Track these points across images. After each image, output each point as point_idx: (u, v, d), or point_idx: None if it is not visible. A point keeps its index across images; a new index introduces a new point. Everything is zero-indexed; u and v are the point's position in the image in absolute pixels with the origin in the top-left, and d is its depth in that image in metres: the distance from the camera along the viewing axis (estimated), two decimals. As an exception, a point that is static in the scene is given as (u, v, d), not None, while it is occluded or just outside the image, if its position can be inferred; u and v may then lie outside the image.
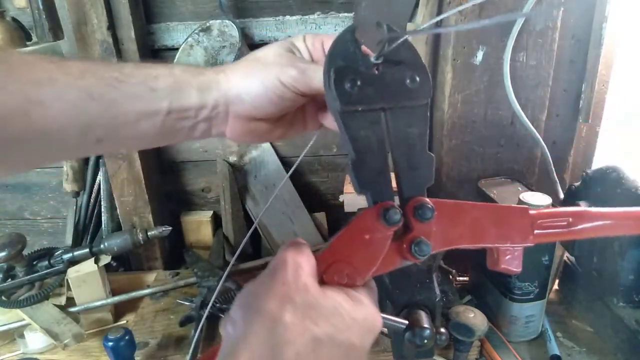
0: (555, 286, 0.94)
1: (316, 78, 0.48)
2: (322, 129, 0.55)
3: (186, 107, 0.48)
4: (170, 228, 0.95)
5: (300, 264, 0.39)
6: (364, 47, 0.46)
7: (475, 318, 0.71)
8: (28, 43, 0.93)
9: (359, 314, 0.39)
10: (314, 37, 0.52)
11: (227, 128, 0.52)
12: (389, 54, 0.45)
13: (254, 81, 0.49)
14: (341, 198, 0.87)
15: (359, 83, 0.44)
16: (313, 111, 0.55)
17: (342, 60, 0.45)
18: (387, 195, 0.45)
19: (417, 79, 0.46)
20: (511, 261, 0.47)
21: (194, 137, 0.52)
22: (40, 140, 0.43)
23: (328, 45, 0.48)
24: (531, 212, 0.48)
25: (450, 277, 0.93)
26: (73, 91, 0.44)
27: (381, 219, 0.42)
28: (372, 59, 0.44)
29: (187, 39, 0.94)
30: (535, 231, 0.48)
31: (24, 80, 0.42)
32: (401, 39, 0.44)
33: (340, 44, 0.46)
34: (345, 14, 0.92)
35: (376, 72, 0.45)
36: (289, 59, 0.50)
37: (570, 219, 0.50)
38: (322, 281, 0.40)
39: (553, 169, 0.92)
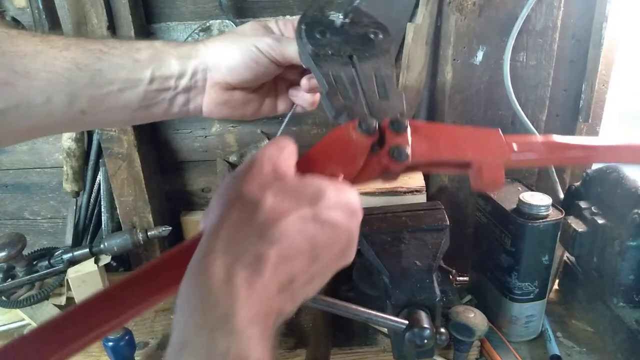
0: (555, 286, 0.94)
1: (289, 47, 0.52)
2: (294, 109, 0.58)
3: (167, 75, 0.51)
4: (170, 228, 0.95)
5: (279, 156, 0.38)
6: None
7: (475, 318, 0.71)
8: (28, 43, 0.93)
9: (342, 197, 0.37)
10: (285, 21, 0.57)
11: (204, 99, 0.54)
12: (352, 17, 0.51)
13: (231, 47, 0.52)
14: (341, 198, 0.87)
15: (327, 34, 0.50)
16: (285, 89, 0.58)
17: (312, 19, 0.51)
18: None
19: (380, 34, 0.54)
20: (495, 176, 0.47)
21: (173, 112, 0.54)
22: (26, 113, 0.44)
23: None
24: (501, 134, 0.49)
25: (450, 277, 0.93)
26: (59, 62, 0.45)
27: (358, 129, 0.43)
28: (338, 21, 0.51)
29: (187, 38, 0.94)
30: (513, 153, 0.48)
31: (9, 53, 0.43)
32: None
33: (310, 10, 0.52)
34: (345, 14, 0.92)
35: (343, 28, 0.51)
36: (265, 32, 0.54)
37: (541, 145, 0.51)
38: None
39: (553, 169, 0.92)
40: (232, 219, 0.33)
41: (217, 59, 0.52)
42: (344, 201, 0.37)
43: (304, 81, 0.55)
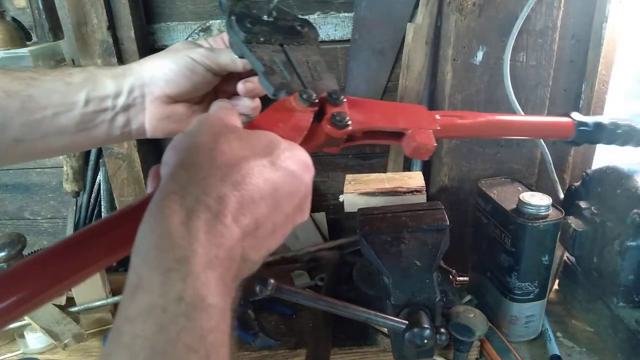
0: (555, 286, 0.94)
1: (222, 55, 0.55)
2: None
3: (103, 96, 0.51)
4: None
5: (227, 114, 0.39)
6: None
7: (475, 318, 0.72)
8: (28, 43, 0.93)
9: (294, 149, 0.37)
10: (214, 37, 0.59)
11: (145, 117, 0.54)
12: (276, 15, 0.56)
13: (165, 60, 0.54)
14: (341, 198, 0.87)
15: (257, 25, 0.54)
16: (227, 94, 0.59)
17: (240, 14, 0.54)
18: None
19: (305, 27, 0.59)
20: (426, 141, 0.53)
21: (115, 134, 0.54)
22: None
23: (227, 40, 0.55)
24: (426, 109, 0.58)
25: (450, 277, 0.93)
26: None
27: (299, 99, 0.46)
28: (264, 16, 0.55)
29: (187, 38, 0.94)
30: (438, 124, 0.56)
31: None
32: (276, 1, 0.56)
33: (237, 7, 0.55)
34: (345, 14, 0.92)
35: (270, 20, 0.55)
36: (196, 45, 0.56)
37: (461, 118, 0.61)
38: None
39: (553, 169, 0.92)
40: (190, 163, 0.32)
41: (153, 72, 0.53)
42: (297, 153, 0.37)
43: (240, 86, 0.56)
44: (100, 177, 1.05)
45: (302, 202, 0.37)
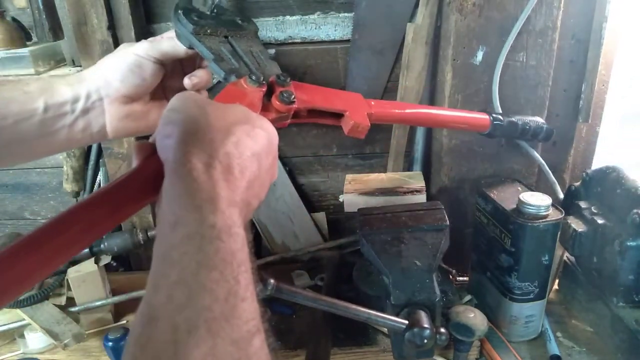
0: (555, 286, 0.94)
1: (163, 44, 0.59)
2: None
3: (61, 102, 0.54)
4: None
5: (196, 93, 0.45)
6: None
7: (475, 318, 0.72)
8: (28, 43, 0.93)
9: (261, 119, 0.44)
10: (152, 39, 0.63)
11: (106, 119, 0.58)
12: (217, 11, 0.63)
13: (113, 60, 0.58)
14: (341, 198, 0.87)
15: (203, 18, 0.59)
16: (175, 90, 0.63)
17: (185, 9, 0.59)
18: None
19: (245, 21, 0.67)
20: (362, 122, 0.63)
21: (76, 138, 0.57)
22: None
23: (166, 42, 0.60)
24: (362, 96, 0.68)
25: (450, 277, 0.93)
26: None
27: (249, 81, 0.53)
28: (207, 12, 0.62)
29: (187, 39, 0.94)
30: (372, 109, 0.66)
31: None
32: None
33: (181, 3, 0.60)
34: (345, 14, 0.92)
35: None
36: (136, 43, 0.61)
37: (392, 106, 0.72)
38: None
39: (548, 169, 0.91)
40: (194, 130, 0.37)
41: (106, 75, 0.57)
42: (265, 122, 0.43)
43: (186, 80, 0.61)
44: (100, 177, 1.05)
45: (274, 161, 0.44)
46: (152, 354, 0.26)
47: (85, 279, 0.86)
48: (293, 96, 0.55)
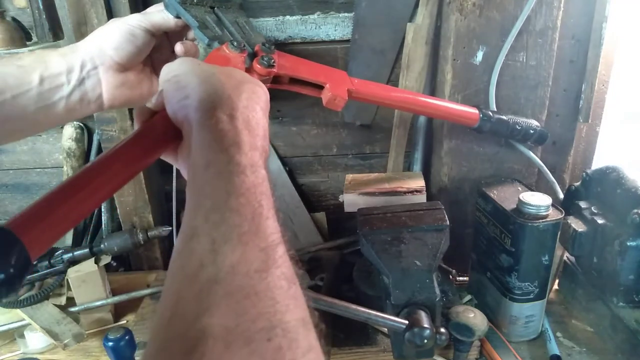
0: (555, 286, 0.94)
1: (154, 16, 0.62)
2: None
3: (56, 73, 0.55)
4: (170, 228, 0.95)
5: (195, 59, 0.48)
6: None
7: (475, 318, 0.72)
8: (28, 43, 0.93)
9: (255, 79, 0.47)
10: (143, 12, 0.65)
11: (103, 87, 0.60)
12: None
13: (107, 30, 0.61)
14: (341, 198, 0.87)
15: None
16: (162, 61, 0.63)
17: None
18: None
19: None
20: (341, 95, 0.67)
21: (75, 109, 0.58)
22: None
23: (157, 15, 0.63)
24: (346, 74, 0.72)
25: (450, 277, 0.93)
26: None
27: (230, 47, 0.58)
28: None
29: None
30: (354, 85, 0.69)
31: None
32: None
33: None
34: (345, 14, 0.92)
35: None
36: (128, 15, 0.63)
37: (375, 87, 0.75)
38: None
39: (547, 170, 0.91)
40: (211, 90, 0.41)
41: (99, 44, 0.59)
42: (259, 82, 0.47)
43: (178, 47, 0.64)
44: (100, 177, 1.04)
45: (267, 115, 0.48)
46: (196, 261, 0.31)
47: (85, 279, 0.86)
48: (273, 60, 0.60)
